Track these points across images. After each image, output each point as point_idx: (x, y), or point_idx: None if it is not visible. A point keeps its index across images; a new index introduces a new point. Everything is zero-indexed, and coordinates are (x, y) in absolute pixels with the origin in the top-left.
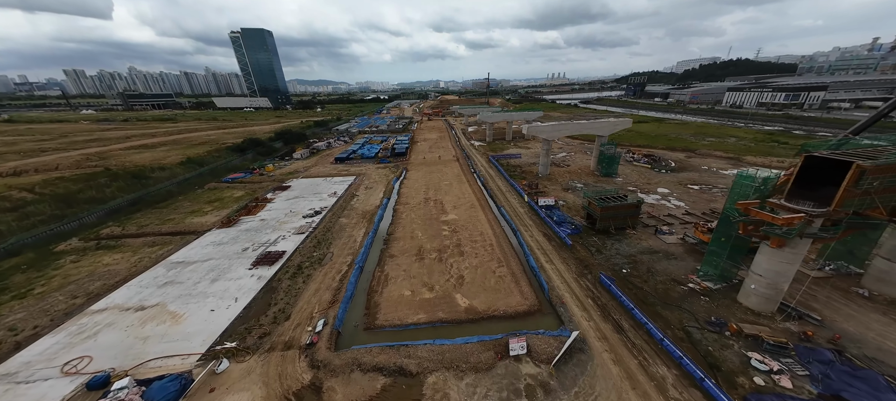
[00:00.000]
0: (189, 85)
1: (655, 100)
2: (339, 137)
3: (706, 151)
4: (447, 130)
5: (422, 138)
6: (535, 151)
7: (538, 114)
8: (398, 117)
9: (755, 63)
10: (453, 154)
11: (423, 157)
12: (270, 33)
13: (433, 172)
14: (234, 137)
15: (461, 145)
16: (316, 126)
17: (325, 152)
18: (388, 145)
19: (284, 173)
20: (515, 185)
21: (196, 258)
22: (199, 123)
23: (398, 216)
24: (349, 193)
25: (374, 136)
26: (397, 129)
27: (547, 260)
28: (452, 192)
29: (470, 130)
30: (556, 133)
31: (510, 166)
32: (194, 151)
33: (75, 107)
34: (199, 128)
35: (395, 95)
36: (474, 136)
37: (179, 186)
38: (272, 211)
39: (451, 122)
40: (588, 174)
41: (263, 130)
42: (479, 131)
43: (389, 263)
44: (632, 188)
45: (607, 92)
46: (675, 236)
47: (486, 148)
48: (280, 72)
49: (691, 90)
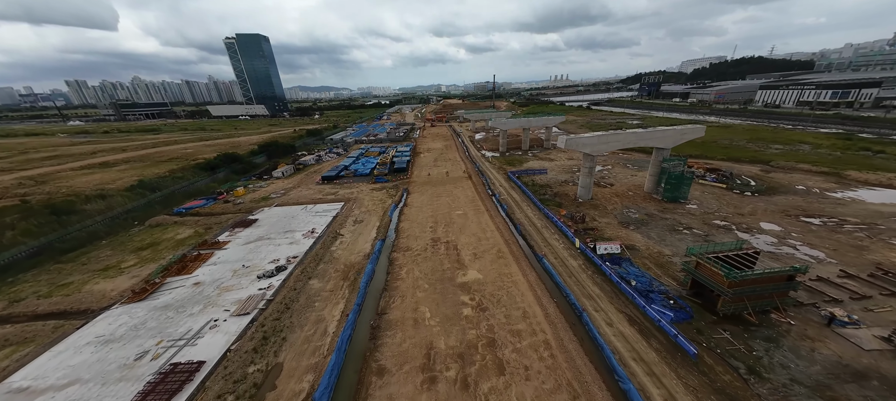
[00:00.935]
0: (191, 93)
1: (674, 100)
2: (331, 149)
3: (786, 164)
4: (453, 137)
5: (425, 148)
6: (561, 163)
7: (560, 118)
8: (399, 124)
9: (768, 60)
10: (463, 169)
11: (428, 173)
12: (266, 39)
13: (441, 195)
14: (213, 151)
15: (471, 156)
16: (308, 136)
17: (313, 168)
18: (387, 158)
19: (256, 199)
20: (553, 217)
21: (52, 380)
22: (183, 134)
23: (396, 274)
24: (332, 230)
25: (371, 146)
26: (398, 137)
27: (657, 385)
28: (469, 227)
29: (478, 138)
30: (604, 146)
31: (535, 185)
32: (156, 170)
33: (68, 118)
34: (180, 140)
35: (397, 100)
36: (485, 146)
37: (113, 223)
38: (219, 264)
39: (456, 128)
40: (644, 199)
41: (249, 142)
42: (490, 139)
43: (377, 396)
44: (719, 222)
45: (614, 93)
46: (869, 331)
47: (501, 161)
48: (277, 78)
49: (716, 89)
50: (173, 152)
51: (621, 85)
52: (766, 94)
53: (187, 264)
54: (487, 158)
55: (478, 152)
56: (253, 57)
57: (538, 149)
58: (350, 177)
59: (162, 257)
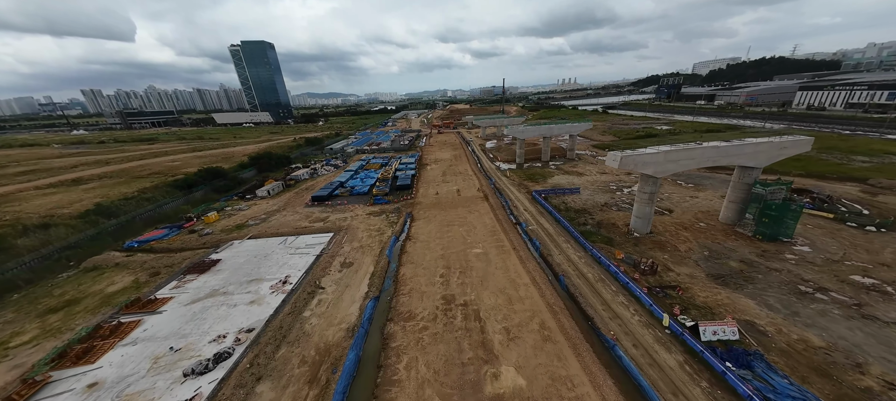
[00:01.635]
0: (202, 101)
1: (698, 103)
2: (328, 161)
3: (890, 183)
4: (462, 146)
5: (432, 159)
6: (593, 179)
7: (585, 125)
8: (404, 131)
9: (790, 61)
10: (477, 186)
11: (436, 191)
12: (271, 45)
13: (453, 222)
14: (202, 162)
15: (484, 169)
16: (307, 145)
17: (306, 185)
18: (388, 173)
19: (229, 228)
20: (607, 262)
21: None
22: (178, 143)
23: (390, 372)
24: (311, 278)
25: (372, 157)
26: (402, 146)
27: None
28: (493, 275)
29: (490, 146)
30: (673, 165)
31: (569, 210)
32: (126, 188)
33: (76, 126)
34: (172, 150)
35: (403, 106)
36: (500, 156)
37: (42, 264)
38: (141, 342)
39: (465, 135)
40: (725, 233)
41: (244, 152)
42: (504, 149)
43: None
44: (860, 277)
45: (627, 96)
46: None
47: (520, 175)
48: (282, 85)
49: (747, 90)
50: (158, 165)
51: (633, 88)
52: (807, 95)
53: (96, 343)
54: (503, 172)
55: (491, 164)
56: (258, 64)
57: (560, 160)
58: (345, 196)
59: (74, 325)
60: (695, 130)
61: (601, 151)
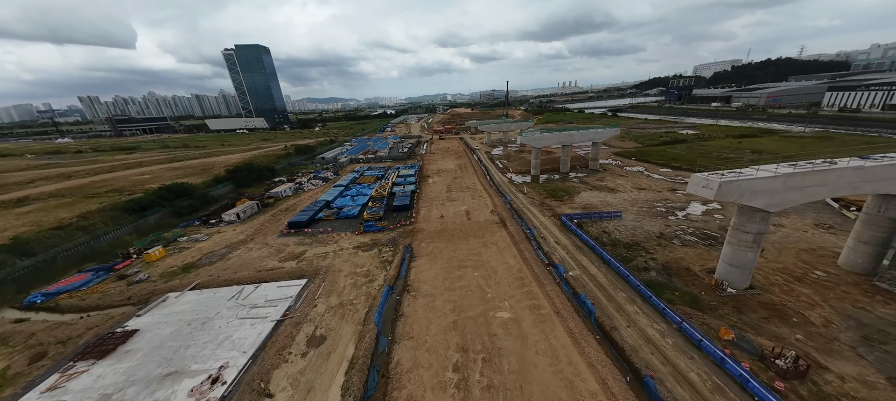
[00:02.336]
0: (200, 107)
1: (713, 105)
2: (317, 173)
3: None
4: (467, 153)
5: (434, 170)
6: (630, 197)
7: (613, 130)
8: (403, 137)
9: (798, 61)
10: (490, 206)
11: (440, 213)
12: (267, 50)
13: (465, 262)
14: (174, 175)
15: (494, 182)
16: (297, 154)
17: (287, 203)
18: (384, 189)
19: (173, 269)
20: (711, 347)
21: None
22: (159, 152)
23: None
24: (259, 371)
25: (367, 169)
26: (401, 154)
27: None
28: (536, 371)
29: (496, 153)
30: (797, 194)
31: (616, 243)
32: (67, 212)
33: (64, 134)
34: (149, 161)
35: (402, 110)
36: (511, 166)
37: None
38: None
39: (469, 141)
40: (857, 287)
41: (227, 162)
42: (515, 157)
43: None
44: None
45: (629, 98)
46: None
47: (539, 191)
48: (278, 90)
49: (768, 91)
50: (124, 180)
51: (635, 91)
52: (838, 96)
53: None
54: (519, 187)
55: (502, 176)
56: (253, 69)
57: (582, 171)
58: (331, 221)
59: None
60: (727, 135)
61: (626, 160)
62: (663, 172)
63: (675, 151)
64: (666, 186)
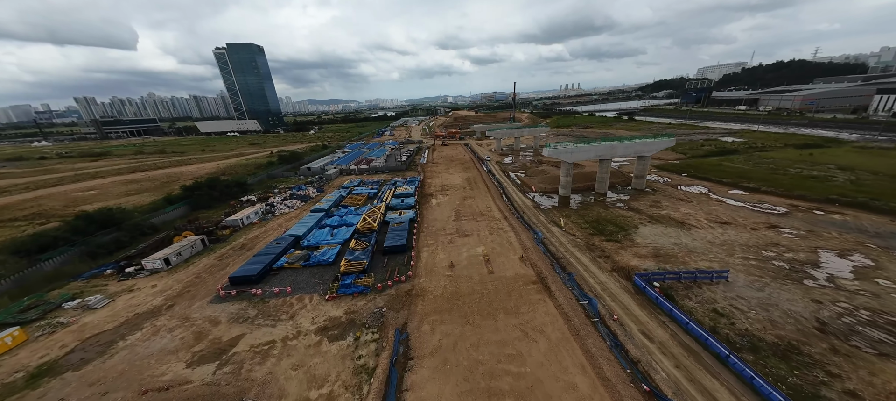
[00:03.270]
0: (198, 109)
1: (738, 108)
2: (296, 189)
3: None
4: (475, 164)
5: (438, 186)
6: (711, 235)
7: (667, 141)
8: (402, 143)
9: (812, 64)
10: (519, 251)
11: (451, 261)
12: (260, 49)
13: (496, 372)
14: (129, 191)
15: (516, 208)
16: (281, 163)
17: (245, 235)
18: (374, 218)
19: (20, 372)
20: None
21: None
22: (128, 159)
23: None
24: None
25: (359, 183)
26: (398, 165)
27: None
28: None
29: (508, 162)
30: None
31: (748, 340)
32: None
33: (48, 135)
34: (108, 170)
35: (403, 112)
36: (533, 183)
37: None
38: None
39: (475, 148)
40: None
41: (197, 172)
42: (531, 169)
43: None
44: None
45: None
46: None
47: (580, 224)
48: (272, 91)
49: (803, 93)
50: (62, 197)
51: (641, 93)
52: (886, 99)
53: None
54: (549, 214)
55: (523, 196)
56: (246, 68)
57: (622, 190)
58: (295, 271)
59: None
60: (786, 145)
61: (675, 176)
62: (737, 195)
63: (734, 166)
64: (757, 218)
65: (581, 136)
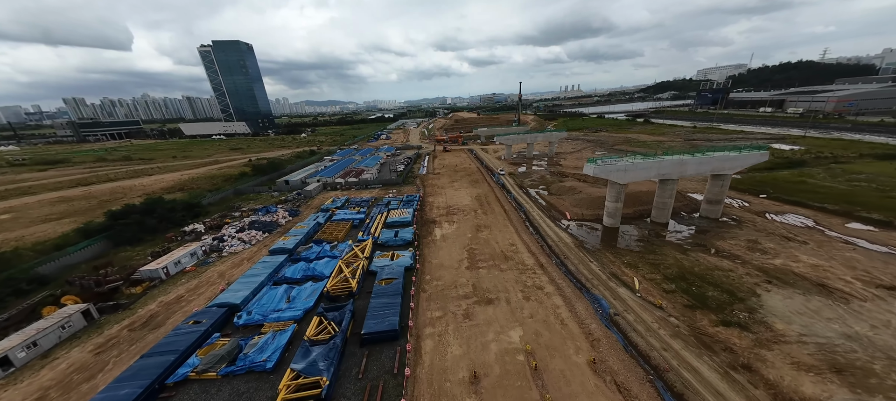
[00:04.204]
0: (192, 110)
1: (761, 110)
2: (262, 212)
3: None
4: (483, 175)
5: (442, 208)
6: (884, 317)
7: (757, 156)
8: (399, 149)
9: (820, 65)
10: (582, 343)
11: (471, 365)
12: (249, 46)
13: None
14: (45, 215)
15: (546, 241)
16: (255, 174)
17: (160, 299)
18: (356, 264)
19: None
20: None
21: None
22: (80, 169)
23: None
24: None
25: (344, 203)
26: (393, 178)
27: None
28: None
29: (522, 173)
30: None
31: None
32: None
33: (22, 138)
34: (50, 182)
35: (401, 114)
36: (564, 206)
37: None
38: None
39: (481, 155)
40: None
41: (155, 185)
42: (555, 186)
43: None
44: None
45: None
46: None
47: (647, 274)
48: (262, 91)
49: (839, 94)
50: None
51: (644, 94)
52: None
53: None
54: (603, 262)
55: (555, 226)
56: (233, 67)
57: (688, 219)
58: (206, 387)
59: None
60: (861, 154)
61: (754, 199)
62: (864, 232)
63: (822, 184)
64: None
65: (597, 141)
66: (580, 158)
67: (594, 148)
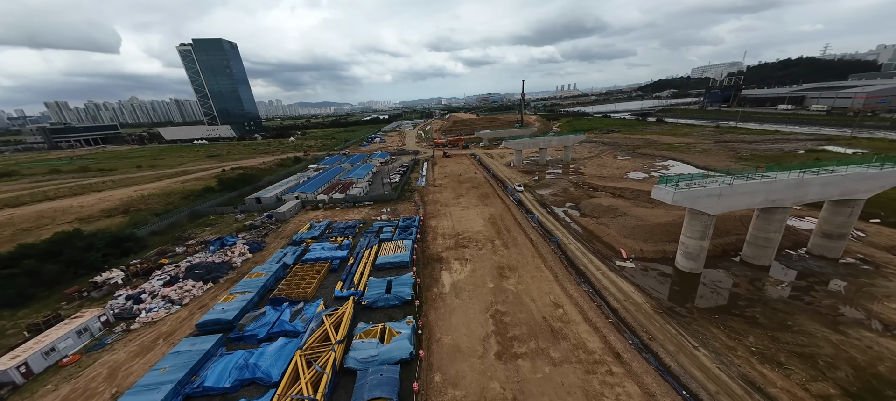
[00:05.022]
0: (180, 112)
1: (780, 107)
2: (220, 243)
3: None
4: (492, 187)
5: (449, 236)
6: None
7: (892, 175)
8: (394, 154)
9: (821, 61)
10: None
11: None
12: (233, 45)
13: None
14: None
15: (603, 298)
16: (221, 190)
17: None
18: (323, 362)
19: None
20: None
21: None
22: (21, 184)
23: None
24: None
25: (321, 229)
26: (386, 193)
27: None
28: None
29: (536, 182)
30: None
31: None
32: None
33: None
34: None
35: (396, 115)
36: (611, 237)
37: None
38: None
39: (486, 160)
40: None
41: (90, 209)
42: (583, 200)
43: None
44: None
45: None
46: None
47: (797, 370)
48: (248, 92)
49: (868, 89)
50: None
51: (642, 93)
52: None
53: None
54: (706, 339)
55: (605, 267)
56: (216, 67)
57: (799, 258)
58: None
59: None
60: None
61: (867, 226)
62: None
63: None
64: None
65: (613, 143)
66: (602, 164)
67: (613, 152)
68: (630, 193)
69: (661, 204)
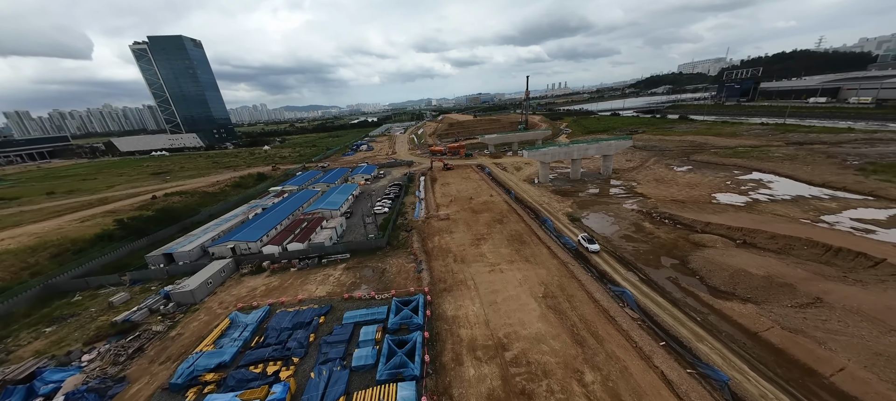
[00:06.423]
0: (154, 119)
1: (811, 101)
2: (44, 375)
3: None
4: (526, 222)
5: (492, 377)
6: None
7: None
8: (383, 167)
9: (817, 54)
10: None
11: None
12: (197, 42)
13: None
14: None
15: None
16: (123, 237)
17: None
18: None
19: None
20: None
21: None
22: None
23: None
24: None
25: (237, 348)
26: (369, 237)
27: None
28: None
29: (576, 207)
30: None
31: None
32: None
33: None
34: None
35: (385, 117)
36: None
37: None
38: None
39: (497, 173)
40: None
41: None
42: (695, 258)
43: None
44: None
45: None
46: None
47: None
48: (216, 96)
49: None
50: None
51: (636, 89)
52: None
53: None
54: None
55: None
56: (177, 68)
57: None
58: None
59: None
60: None
61: None
62: None
63: None
64: None
65: (648, 146)
66: (659, 179)
67: (661, 160)
68: (767, 240)
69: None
